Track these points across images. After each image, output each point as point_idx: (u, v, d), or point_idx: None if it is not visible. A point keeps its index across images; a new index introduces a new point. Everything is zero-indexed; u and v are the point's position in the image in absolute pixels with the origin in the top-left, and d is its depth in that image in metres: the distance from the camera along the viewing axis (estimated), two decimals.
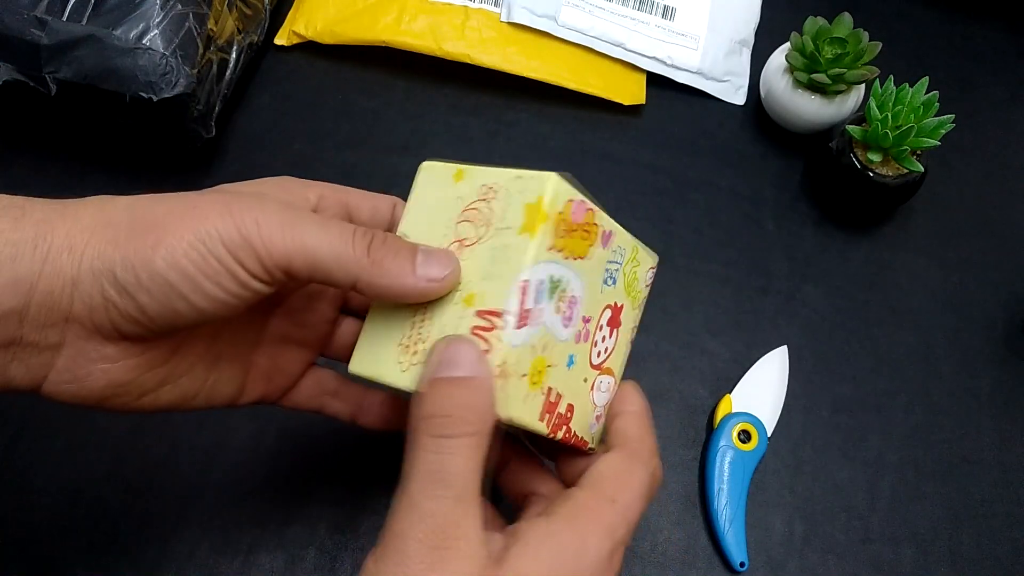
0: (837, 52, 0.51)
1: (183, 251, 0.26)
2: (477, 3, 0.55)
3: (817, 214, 0.54)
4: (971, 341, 0.51)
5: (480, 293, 0.28)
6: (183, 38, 0.46)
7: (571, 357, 0.30)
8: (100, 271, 0.26)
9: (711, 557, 0.43)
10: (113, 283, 0.26)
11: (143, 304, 0.26)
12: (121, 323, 0.27)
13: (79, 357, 0.27)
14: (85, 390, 0.28)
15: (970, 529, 0.45)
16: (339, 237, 0.27)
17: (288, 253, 0.27)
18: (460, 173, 0.31)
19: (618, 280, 0.32)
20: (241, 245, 0.26)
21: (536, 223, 0.28)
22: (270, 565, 0.41)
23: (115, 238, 0.26)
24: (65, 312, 0.27)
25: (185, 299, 0.26)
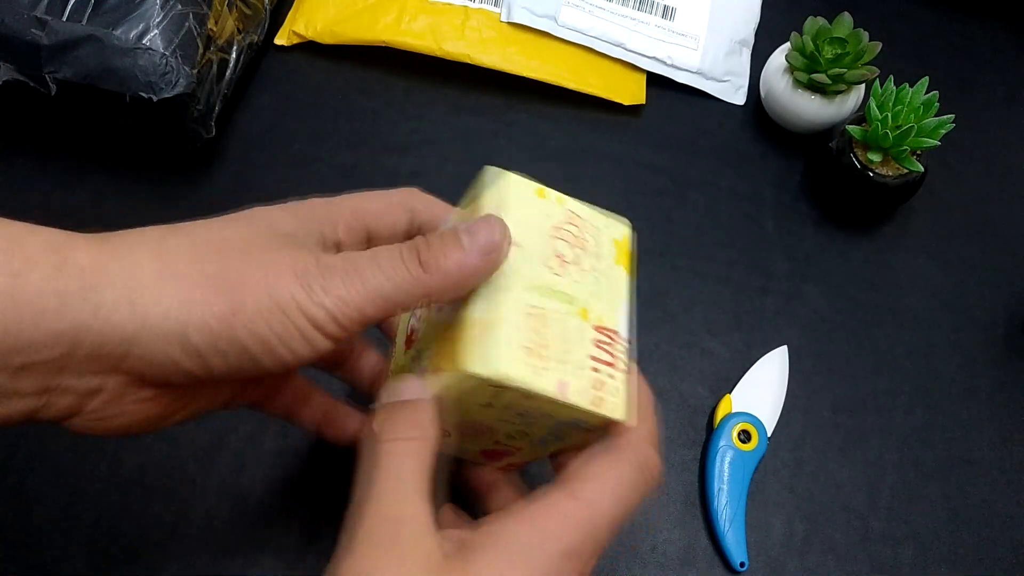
0: (837, 52, 0.51)
1: (263, 318, 0.25)
2: (477, 3, 0.55)
3: (817, 214, 0.54)
4: (971, 341, 0.51)
5: (594, 310, 0.30)
6: (183, 38, 0.46)
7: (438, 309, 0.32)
8: (170, 333, 0.25)
9: (711, 557, 0.43)
10: (184, 345, 0.25)
11: (213, 366, 0.26)
12: (175, 377, 0.26)
13: (115, 400, 0.26)
14: (113, 427, 0.27)
15: (970, 529, 0.45)
16: (391, 266, 0.27)
17: (359, 306, 0.26)
18: (542, 191, 0.31)
19: None
20: (316, 311, 0.26)
21: (627, 259, 0.33)
22: (270, 565, 0.41)
23: (186, 298, 0.25)
24: (114, 365, 0.25)
25: (256, 361, 0.26)
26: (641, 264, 0.51)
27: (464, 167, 0.53)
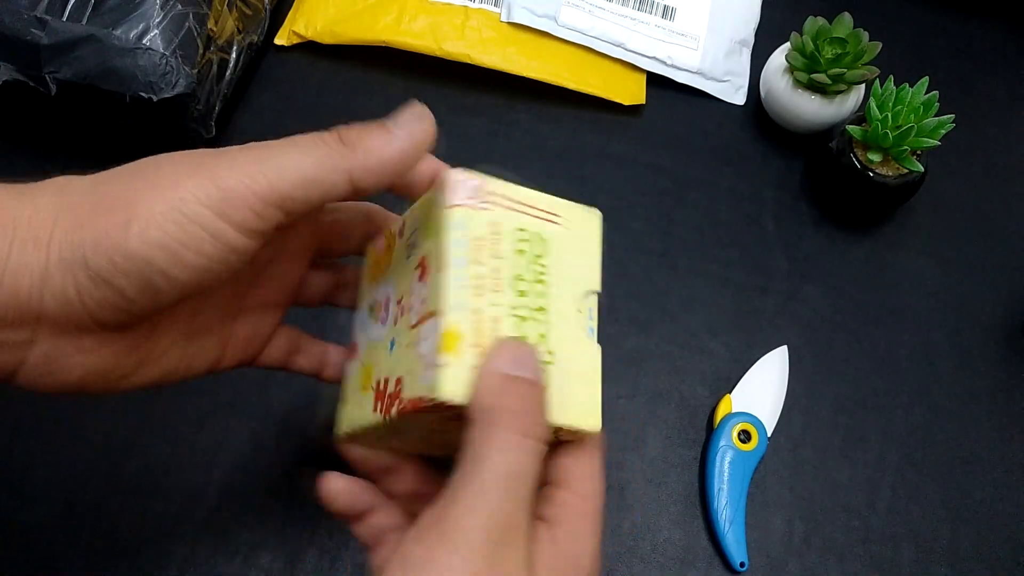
0: (837, 52, 0.51)
1: (158, 224, 0.24)
2: (477, 3, 0.55)
3: (817, 214, 0.54)
4: (971, 341, 0.51)
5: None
6: (183, 38, 0.46)
7: (392, 342, 0.29)
8: (70, 262, 0.24)
9: (711, 557, 0.43)
10: (86, 273, 0.24)
11: (121, 288, 0.24)
12: (98, 312, 0.25)
13: (53, 352, 0.26)
14: (61, 381, 0.26)
15: (970, 529, 0.45)
16: (311, 144, 0.26)
17: (275, 186, 0.25)
18: None
19: (418, 243, 0.29)
20: (221, 199, 0.24)
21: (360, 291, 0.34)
22: (270, 565, 0.41)
23: (81, 222, 0.24)
24: (35, 311, 0.24)
25: (165, 275, 0.24)
26: (641, 264, 0.51)
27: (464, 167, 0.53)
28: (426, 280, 0.28)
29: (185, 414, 0.44)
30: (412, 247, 0.30)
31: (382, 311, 0.31)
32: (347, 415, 0.32)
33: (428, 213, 0.29)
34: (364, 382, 0.30)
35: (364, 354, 0.32)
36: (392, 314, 0.30)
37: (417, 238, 0.30)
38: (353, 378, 0.32)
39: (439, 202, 0.28)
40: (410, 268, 0.29)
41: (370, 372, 0.30)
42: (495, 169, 0.30)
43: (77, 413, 0.44)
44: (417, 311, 0.28)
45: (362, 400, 0.30)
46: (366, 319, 0.32)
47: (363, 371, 0.31)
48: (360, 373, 0.32)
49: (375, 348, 0.31)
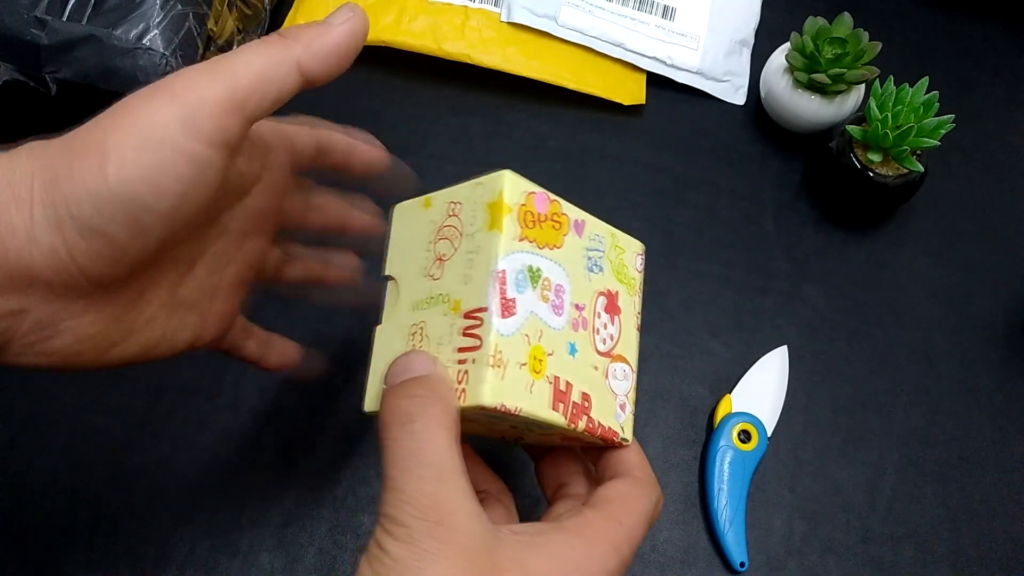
0: (837, 52, 0.51)
1: (132, 157, 0.24)
2: (477, 3, 0.55)
3: (817, 214, 0.54)
4: (971, 341, 0.51)
5: (463, 297, 0.29)
6: (183, 38, 0.46)
7: (571, 345, 0.30)
8: (55, 218, 0.24)
9: (711, 557, 0.43)
10: (74, 225, 0.24)
11: (111, 234, 0.24)
12: (90, 266, 0.25)
13: (45, 319, 0.26)
14: (49, 351, 0.26)
15: (970, 529, 0.45)
16: (257, 45, 0.26)
17: (232, 88, 0.25)
18: (428, 200, 0.32)
19: (604, 267, 0.32)
20: (189, 114, 0.24)
21: (500, 216, 0.29)
22: (270, 565, 0.41)
23: (58, 175, 0.24)
24: (26, 275, 0.24)
25: (149, 209, 0.24)
26: None
27: (464, 167, 0.53)
28: (615, 319, 0.32)
29: (185, 414, 0.44)
30: (595, 264, 0.32)
31: (552, 295, 0.30)
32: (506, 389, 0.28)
33: (622, 263, 0.33)
34: (531, 363, 0.28)
35: (526, 326, 0.29)
36: (569, 315, 0.30)
37: (604, 264, 0.32)
38: (511, 344, 0.28)
39: (636, 267, 0.34)
40: (592, 284, 0.32)
41: (543, 358, 0.29)
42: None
43: (77, 413, 0.44)
44: (607, 343, 0.32)
45: (525, 379, 0.28)
46: (525, 282, 0.29)
47: (528, 348, 0.28)
48: (522, 347, 0.28)
49: (545, 332, 0.29)
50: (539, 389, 0.28)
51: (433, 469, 0.26)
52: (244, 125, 0.26)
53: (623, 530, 0.29)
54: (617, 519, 0.29)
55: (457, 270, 0.29)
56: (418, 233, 0.32)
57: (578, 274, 0.31)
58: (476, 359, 0.27)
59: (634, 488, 0.30)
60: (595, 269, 0.32)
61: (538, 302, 0.29)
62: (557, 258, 0.30)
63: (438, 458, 0.26)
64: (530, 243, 0.29)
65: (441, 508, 0.25)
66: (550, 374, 0.29)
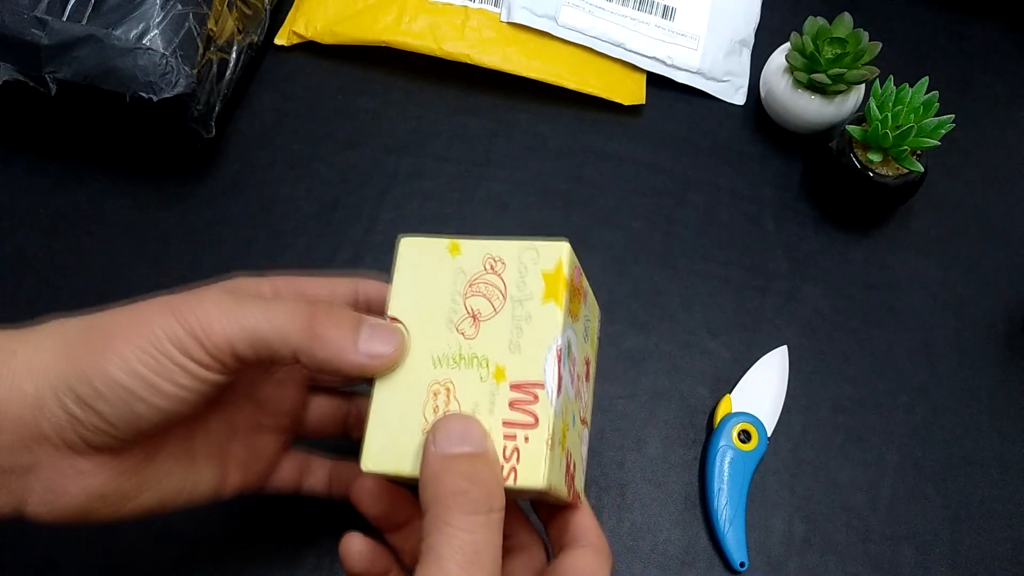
0: (837, 52, 0.51)
1: (134, 355, 0.27)
2: (477, 3, 0.55)
3: (817, 214, 0.54)
4: (971, 341, 0.51)
5: (509, 365, 0.28)
6: (183, 38, 0.46)
7: (574, 416, 0.30)
8: (59, 388, 0.27)
9: (711, 557, 0.43)
10: (73, 397, 0.27)
11: (103, 413, 0.27)
12: (88, 435, 0.28)
13: (55, 476, 0.28)
14: (67, 507, 0.28)
15: (970, 529, 0.45)
16: (279, 313, 0.28)
17: (229, 337, 0.27)
18: (456, 246, 0.30)
19: (588, 334, 0.33)
20: (187, 340, 0.27)
21: (560, 290, 0.28)
22: (270, 565, 0.41)
23: (70, 355, 0.27)
24: (35, 434, 0.27)
25: (144, 401, 0.27)
26: (641, 264, 0.51)
27: (464, 167, 0.53)
28: (588, 386, 0.32)
29: None
30: (586, 331, 0.32)
31: (572, 368, 0.29)
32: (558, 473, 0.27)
33: (595, 323, 0.34)
34: (561, 439, 0.28)
35: (564, 402, 0.28)
36: (577, 386, 0.30)
37: (589, 334, 0.32)
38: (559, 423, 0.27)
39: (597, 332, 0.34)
40: (582, 352, 0.31)
41: (565, 431, 0.28)
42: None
43: None
44: (584, 410, 0.32)
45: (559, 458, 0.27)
46: (566, 357, 0.28)
47: (563, 424, 0.28)
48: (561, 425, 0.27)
49: (568, 406, 0.29)
50: (558, 463, 0.28)
51: (488, 569, 0.25)
52: (237, 365, 0.28)
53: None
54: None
55: (501, 335, 0.28)
56: (441, 280, 0.30)
57: (580, 343, 0.31)
58: (531, 437, 0.26)
59: (595, 559, 0.30)
60: (584, 337, 0.32)
61: (569, 376, 0.29)
62: (575, 330, 0.30)
63: (495, 560, 0.25)
64: (570, 316, 0.29)
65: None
66: (565, 448, 0.29)
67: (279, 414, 0.36)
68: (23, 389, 0.27)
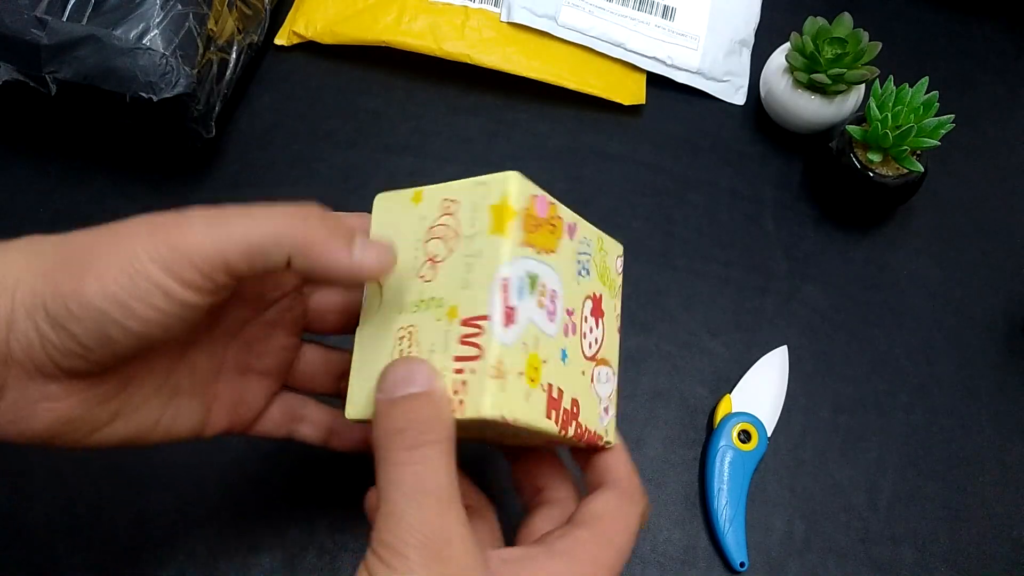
0: (837, 52, 0.51)
1: (112, 277, 0.25)
2: (477, 3, 0.55)
3: (817, 214, 0.54)
4: (971, 341, 0.51)
5: (460, 303, 0.28)
6: (183, 38, 0.46)
7: (563, 351, 0.30)
8: (32, 307, 0.26)
9: (711, 557, 0.43)
10: (45, 318, 0.26)
11: (76, 335, 0.26)
12: (59, 358, 0.26)
13: (21, 399, 0.27)
14: (29, 429, 0.27)
15: (970, 529, 0.45)
16: (272, 219, 0.27)
17: (221, 249, 0.26)
18: (418, 194, 0.31)
19: (591, 270, 0.32)
20: (170, 257, 0.26)
21: (505, 221, 0.28)
22: (270, 565, 0.41)
23: (44, 272, 0.26)
24: (2, 354, 0.26)
25: (118, 324, 0.26)
26: (641, 264, 0.51)
27: (464, 167, 0.53)
28: (600, 323, 0.32)
29: None
30: (583, 267, 0.32)
31: (548, 301, 0.29)
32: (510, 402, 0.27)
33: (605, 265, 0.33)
34: (528, 371, 0.28)
35: (525, 334, 0.28)
36: (562, 320, 0.30)
37: (592, 267, 0.32)
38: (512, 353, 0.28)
39: (616, 268, 0.34)
40: (581, 288, 0.32)
41: (538, 366, 0.29)
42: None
43: None
44: (593, 347, 0.32)
45: (523, 388, 0.28)
46: (526, 289, 0.28)
47: (526, 357, 0.28)
48: (521, 355, 0.28)
49: (541, 340, 0.29)
50: (535, 398, 0.28)
51: (435, 497, 0.25)
52: (226, 281, 0.27)
53: (613, 550, 0.29)
54: (608, 538, 0.29)
55: (453, 274, 0.29)
56: (406, 229, 0.31)
57: (570, 278, 0.31)
58: (476, 369, 0.27)
59: (622, 501, 0.30)
60: (583, 273, 0.32)
61: (536, 309, 0.29)
62: (552, 263, 0.30)
63: (441, 486, 0.26)
64: (530, 248, 0.29)
65: (441, 539, 0.25)
66: (544, 382, 0.29)
67: (268, 357, 0.34)
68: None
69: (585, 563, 0.28)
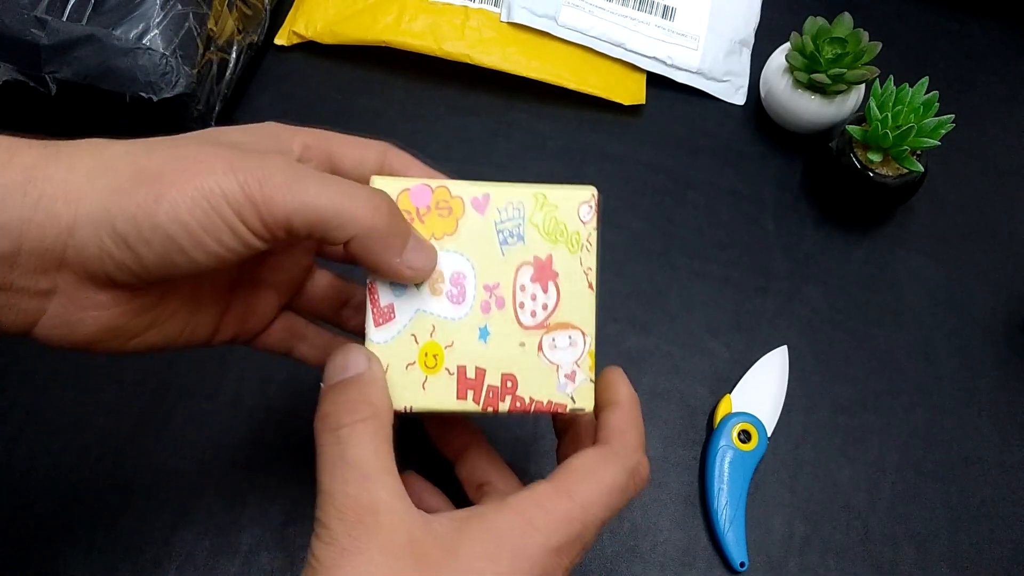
0: (837, 52, 0.51)
1: (186, 206, 0.25)
2: (477, 3, 0.55)
3: (817, 214, 0.54)
4: (971, 341, 0.51)
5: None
6: (183, 38, 0.46)
7: (482, 329, 0.30)
8: (99, 221, 0.25)
9: (711, 557, 0.43)
10: (112, 234, 0.25)
11: (141, 256, 0.26)
12: (116, 273, 0.26)
13: (71, 304, 0.27)
14: (76, 335, 0.28)
15: (970, 529, 0.45)
16: (345, 197, 0.27)
17: (290, 211, 0.26)
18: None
19: (526, 234, 0.31)
20: (245, 204, 0.26)
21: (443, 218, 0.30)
22: (270, 565, 0.41)
23: (115, 187, 0.26)
24: (58, 259, 0.26)
25: (184, 253, 0.26)
26: (641, 264, 0.51)
27: (464, 167, 0.53)
28: (550, 286, 0.31)
29: (186, 414, 0.44)
30: (509, 235, 0.31)
31: (447, 286, 0.30)
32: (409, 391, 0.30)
33: (555, 220, 0.32)
34: (427, 360, 0.30)
35: (416, 325, 0.30)
36: (477, 298, 0.31)
37: (527, 231, 0.31)
38: (393, 348, 0.30)
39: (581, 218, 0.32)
40: (509, 257, 0.31)
41: (438, 352, 0.30)
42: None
43: (77, 413, 0.44)
44: (538, 315, 0.31)
45: (417, 377, 0.30)
46: (408, 285, 0.30)
47: (420, 347, 0.30)
48: (410, 346, 0.30)
49: (444, 326, 0.30)
50: (436, 383, 0.30)
51: (356, 471, 0.26)
52: (284, 237, 0.28)
53: (574, 504, 0.27)
54: (568, 491, 0.27)
55: None
56: None
57: (486, 254, 0.31)
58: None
59: (600, 458, 0.29)
60: (511, 241, 0.31)
61: (428, 299, 0.30)
62: (452, 246, 0.30)
63: (363, 460, 0.26)
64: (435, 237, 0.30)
65: (361, 507, 0.26)
66: (451, 365, 0.30)
67: (282, 272, 0.35)
68: (55, 213, 0.25)
69: (533, 515, 0.27)
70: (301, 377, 0.45)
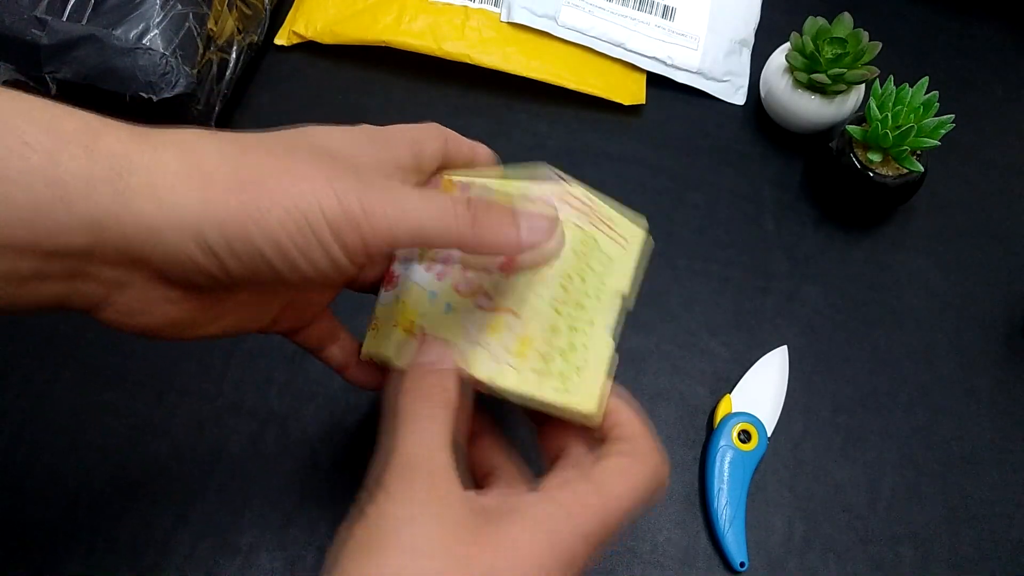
0: (837, 52, 0.51)
1: (280, 220, 0.24)
2: (477, 3, 0.55)
3: (817, 214, 0.54)
4: (971, 341, 0.51)
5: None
6: (183, 38, 0.46)
7: (448, 305, 0.32)
8: (186, 226, 0.24)
9: (711, 557, 0.43)
10: (199, 242, 0.24)
11: (227, 266, 0.25)
12: (196, 277, 0.26)
13: (142, 296, 0.26)
14: (141, 323, 0.27)
15: (970, 529, 0.45)
16: (440, 208, 0.27)
17: (392, 226, 0.26)
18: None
19: None
20: (344, 224, 0.25)
21: None
22: (270, 565, 0.41)
23: (205, 191, 0.24)
24: (137, 256, 0.25)
25: (271, 267, 0.25)
26: None
27: None
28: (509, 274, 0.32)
29: (186, 415, 0.44)
30: None
31: (437, 263, 0.33)
32: (376, 342, 0.33)
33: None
34: (403, 322, 0.33)
35: (404, 293, 0.33)
36: (452, 277, 0.33)
37: None
38: (388, 309, 0.33)
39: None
40: None
41: (412, 317, 0.33)
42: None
43: (77, 413, 0.44)
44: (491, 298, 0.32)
45: (396, 337, 0.33)
46: (414, 255, 0.33)
47: (402, 311, 0.33)
48: (397, 310, 0.33)
49: (421, 296, 0.33)
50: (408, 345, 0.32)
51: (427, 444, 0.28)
52: (382, 255, 0.28)
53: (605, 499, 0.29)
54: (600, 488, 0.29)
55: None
56: None
57: None
58: None
59: (628, 458, 0.30)
60: None
61: (421, 269, 0.33)
62: None
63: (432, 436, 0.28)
64: None
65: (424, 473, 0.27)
66: (417, 328, 0.32)
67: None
68: (140, 210, 0.24)
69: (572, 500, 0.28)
70: (300, 380, 0.45)
